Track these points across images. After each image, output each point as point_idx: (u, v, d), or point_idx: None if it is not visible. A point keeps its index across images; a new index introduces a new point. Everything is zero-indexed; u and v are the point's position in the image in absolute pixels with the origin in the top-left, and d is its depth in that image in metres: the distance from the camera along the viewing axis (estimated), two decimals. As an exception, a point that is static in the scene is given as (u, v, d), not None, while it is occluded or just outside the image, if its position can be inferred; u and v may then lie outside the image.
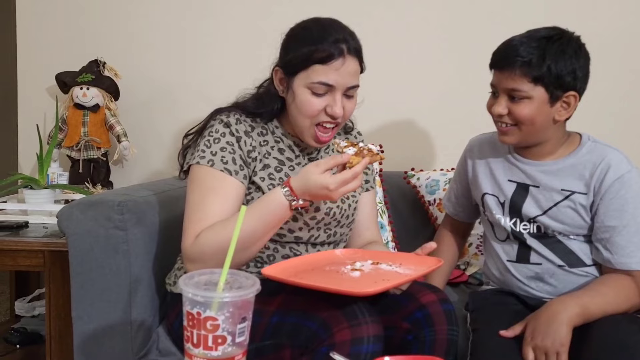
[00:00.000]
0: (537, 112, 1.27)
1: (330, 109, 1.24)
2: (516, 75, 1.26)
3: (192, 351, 0.79)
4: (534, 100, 1.27)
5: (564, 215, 1.32)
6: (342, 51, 1.23)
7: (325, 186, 1.12)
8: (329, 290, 1.06)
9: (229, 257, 0.83)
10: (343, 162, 1.15)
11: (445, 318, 1.20)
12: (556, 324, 1.18)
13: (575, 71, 1.26)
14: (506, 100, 1.30)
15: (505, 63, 1.27)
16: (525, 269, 1.38)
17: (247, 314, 0.81)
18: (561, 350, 1.16)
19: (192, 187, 1.26)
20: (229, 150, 1.26)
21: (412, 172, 2.02)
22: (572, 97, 1.28)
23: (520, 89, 1.26)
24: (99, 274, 1.38)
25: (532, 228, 1.37)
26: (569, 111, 1.30)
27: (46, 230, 1.82)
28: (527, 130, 1.30)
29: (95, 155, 2.20)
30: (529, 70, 1.24)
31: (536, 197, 1.35)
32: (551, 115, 1.29)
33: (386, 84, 2.13)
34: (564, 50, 1.25)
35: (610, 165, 1.29)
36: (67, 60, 2.29)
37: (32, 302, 2.31)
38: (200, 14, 2.28)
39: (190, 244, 1.20)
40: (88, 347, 1.40)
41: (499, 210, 1.40)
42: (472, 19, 2.15)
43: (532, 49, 1.24)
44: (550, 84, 1.25)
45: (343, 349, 1.04)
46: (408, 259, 1.24)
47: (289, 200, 1.16)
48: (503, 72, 1.29)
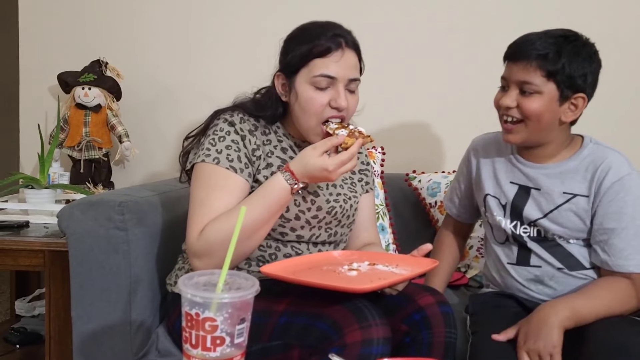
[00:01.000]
0: (546, 108, 1.27)
1: (335, 101, 1.25)
2: (531, 67, 1.26)
3: (190, 352, 0.79)
4: (544, 96, 1.27)
5: (564, 219, 1.32)
6: (340, 44, 1.25)
7: (324, 168, 1.16)
8: (326, 287, 1.07)
9: (228, 257, 0.83)
10: (338, 144, 1.19)
11: (443, 320, 1.20)
12: (547, 327, 1.18)
13: (586, 74, 1.26)
14: (517, 93, 1.29)
15: (521, 55, 1.28)
16: (525, 271, 1.38)
17: (246, 315, 0.80)
18: (553, 352, 1.17)
19: (197, 185, 1.26)
20: (234, 148, 1.27)
21: (413, 175, 2.02)
22: (580, 99, 1.28)
23: (533, 82, 1.26)
24: (99, 274, 1.38)
25: (532, 231, 1.37)
26: (575, 113, 1.30)
27: (47, 230, 1.82)
28: (533, 127, 1.30)
29: (97, 155, 2.20)
30: (544, 63, 1.25)
31: (537, 200, 1.35)
32: (558, 115, 1.29)
33: (387, 85, 2.14)
34: (579, 52, 1.26)
35: (611, 167, 1.29)
36: (69, 60, 2.29)
37: (32, 302, 2.31)
38: (204, 15, 2.28)
39: (195, 238, 1.20)
40: (87, 347, 1.40)
41: (500, 212, 1.40)
42: (476, 20, 2.15)
43: (549, 45, 1.25)
44: (563, 81, 1.26)
45: (353, 350, 1.05)
46: (404, 260, 1.25)
47: (290, 184, 1.19)
48: (517, 63, 1.28)
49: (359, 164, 1.48)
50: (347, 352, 1.04)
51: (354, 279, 1.15)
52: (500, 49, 1.34)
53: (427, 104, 2.18)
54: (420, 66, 2.18)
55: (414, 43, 2.18)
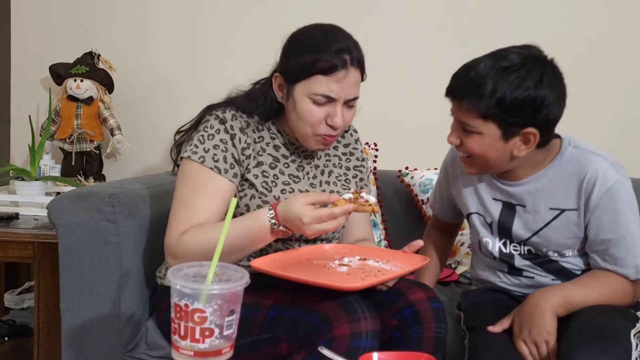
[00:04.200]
0: (489, 148, 1.19)
1: (331, 119, 1.24)
2: (465, 109, 1.18)
3: (179, 343, 0.79)
4: (484, 136, 1.18)
5: (557, 235, 1.27)
6: (345, 63, 1.21)
7: (299, 217, 1.09)
8: (315, 284, 1.07)
9: (218, 250, 0.83)
10: (329, 202, 1.13)
11: (433, 316, 1.20)
12: (539, 314, 1.18)
13: (535, 104, 1.14)
14: (459, 130, 1.22)
15: (456, 94, 1.20)
16: (517, 280, 1.36)
17: (236, 307, 0.80)
18: (549, 339, 1.17)
19: (183, 182, 1.27)
20: (222, 148, 1.26)
21: (406, 171, 2.02)
22: (531, 135, 1.17)
23: (470, 123, 1.18)
24: (88, 266, 1.37)
25: (522, 250, 1.32)
26: (530, 146, 1.19)
27: (36, 222, 1.82)
28: (481, 164, 1.23)
29: (88, 148, 2.19)
30: (477, 105, 1.15)
31: (524, 218, 1.29)
32: (507, 151, 1.20)
33: (381, 82, 2.13)
34: (521, 83, 1.13)
35: (597, 177, 1.21)
36: (61, 51, 2.28)
37: (21, 295, 2.30)
38: (199, 7, 2.27)
39: (175, 240, 1.21)
40: (76, 339, 1.39)
41: (487, 233, 1.35)
42: (469, 18, 2.15)
43: (485, 81, 1.14)
44: (503, 120, 1.15)
45: (342, 343, 1.05)
46: (395, 256, 1.25)
47: (271, 222, 1.15)
48: (454, 101, 1.22)
49: (354, 160, 1.48)
50: (335, 345, 1.04)
51: (344, 275, 1.15)
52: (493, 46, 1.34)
53: (420, 101, 2.18)
54: (413, 63, 2.18)
55: (408, 40, 2.18)
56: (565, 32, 2.05)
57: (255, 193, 1.28)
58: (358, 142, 1.51)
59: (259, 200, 1.28)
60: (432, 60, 2.17)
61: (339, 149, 1.47)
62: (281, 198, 1.28)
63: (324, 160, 1.43)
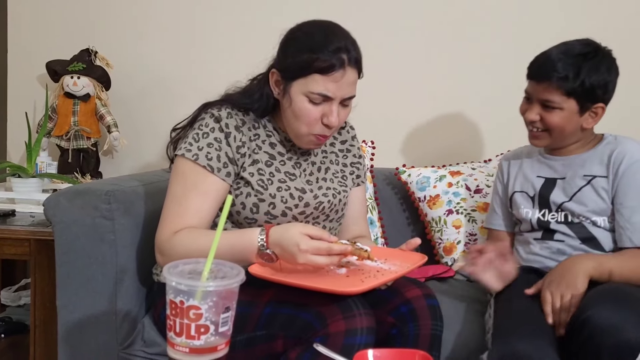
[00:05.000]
0: (567, 121, 1.40)
1: (327, 118, 1.24)
2: (552, 88, 1.38)
3: (174, 340, 0.79)
4: (565, 111, 1.39)
5: (587, 199, 1.42)
6: (343, 62, 1.22)
7: (297, 243, 1.08)
8: (316, 289, 1.07)
9: (213, 247, 0.83)
10: (328, 241, 1.11)
11: (429, 313, 1.20)
12: (570, 273, 1.28)
13: (607, 85, 1.38)
14: (539, 108, 1.42)
15: (543, 76, 1.39)
16: (548, 245, 1.46)
17: (231, 303, 0.80)
18: (575, 294, 1.24)
19: (176, 179, 1.27)
20: (216, 147, 1.26)
21: (403, 169, 2.02)
22: (600, 109, 1.41)
23: (554, 100, 1.38)
24: (84, 263, 1.37)
25: (559, 217, 1.46)
26: (596, 120, 1.42)
27: (33, 219, 1.81)
28: (557, 136, 1.43)
29: (85, 145, 2.19)
30: (564, 84, 1.36)
31: (562, 187, 1.47)
32: (579, 124, 1.42)
33: (378, 79, 2.13)
34: (597, 67, 1.37)
35: (627, 150, 1.41)
36: (58, 48, 2.27)
37: (18, 292, 2.29)
38: (196, 4, 2.27)
39: (165, 238, 1.22)
40: (73, 336, 1.39)
41: (529, 204, 1.51)
42: (466, 17, 2.14)
43: (568, 66, 1.36)
44: (582, 97, 1.37)
45: (337, 340, 1.05)
46: (393, 255, 1.25)
47: (259, 244, 1.14)
48: (540, 83, 1.40)
49: (351, 156, 1.48)
50: (330, 341, 1.04)
51: (343, 277, 1.15)
52: (492, 45, 1.35)
53: (417, 99, 2.18)
54: (410, 61, 2.18)
55: (406, 38, 2.18)
56: (565, 32, 2.05)
57: (251, 191, 1.28)
58: (355, 138, 1.51)
59: (255, 198, 1.28)
60: (430, 58, 2.17)
61: (335, 145, 1.47)
62: (277, 196, 1.28)
63: (321, 157, 1.43)
